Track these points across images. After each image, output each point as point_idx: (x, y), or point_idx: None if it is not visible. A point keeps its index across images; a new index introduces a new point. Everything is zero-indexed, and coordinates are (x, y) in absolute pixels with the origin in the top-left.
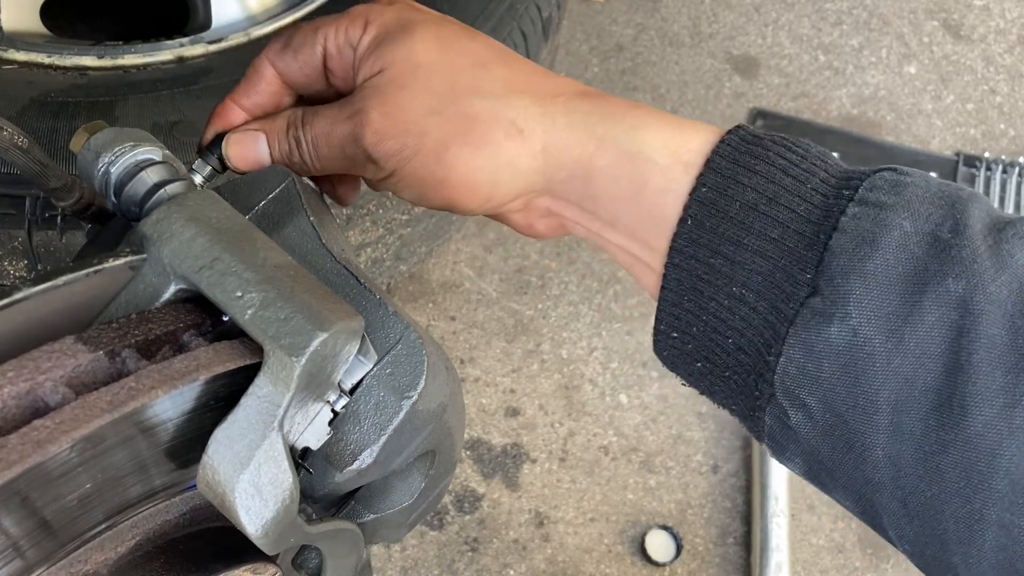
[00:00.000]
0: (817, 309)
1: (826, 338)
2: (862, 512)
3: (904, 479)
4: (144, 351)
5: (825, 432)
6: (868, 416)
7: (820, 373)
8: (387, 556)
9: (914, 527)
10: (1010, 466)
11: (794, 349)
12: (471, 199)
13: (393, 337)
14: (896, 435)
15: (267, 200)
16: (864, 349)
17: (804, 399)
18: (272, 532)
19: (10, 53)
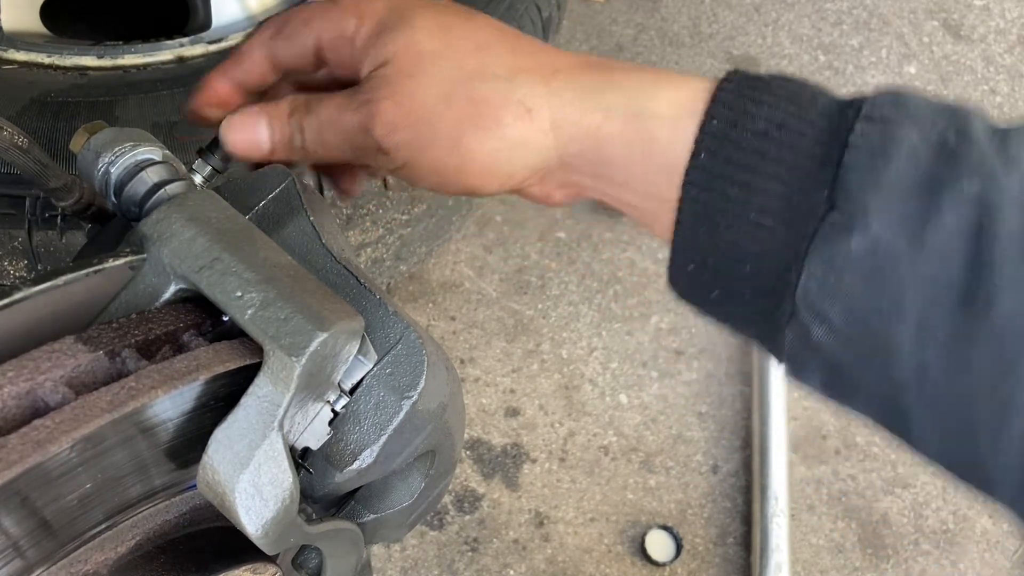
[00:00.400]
0: (837, 224)
1: (847, 250)
2: (886, 418)
3: (933, 376)
4: (144, 351)
5: (848, 342)
6: (894, 320)
7: (841, 285)
8: (387, 556)
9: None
10: None
11: (815, 265)
12: (490, 182)
13: (393, 337)
14: (923, 334)
15: (267, 200)
16: (887, 256)
17: (826, 312)
18: (272, 532)
19: (10, 53)
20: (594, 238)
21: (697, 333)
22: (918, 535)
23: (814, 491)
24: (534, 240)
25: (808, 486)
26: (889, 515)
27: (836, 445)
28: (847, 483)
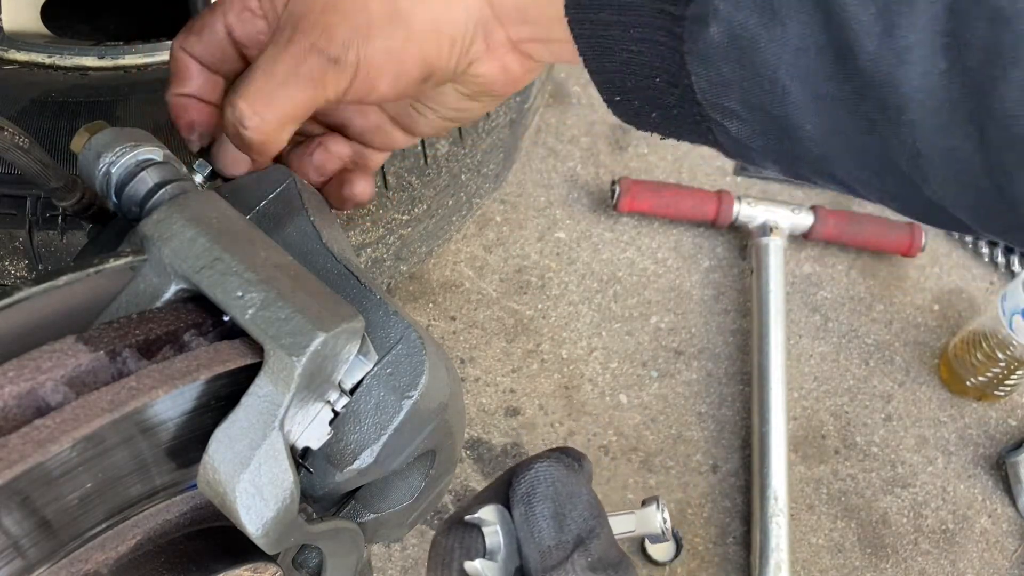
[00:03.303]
0: (695, 17)
1: (710, 41)
2: (844, 189)
3: (847, 141)
4: (145, 351)
5: (761, 129)
6: (781, 98)
7: (723, 76)
8: (387, 555)
9: (885, 183)
10: (914, 92)
11: (695, 64)
12: (442, 47)
13: (393, 337)
14: (816, 104)
15: (268, 200)
16: (744, 37)
17: (728, 106)
18: (272, 532)
19: (10, 53)
20: (594, 238)
21: (697, 333)
22: (917, 535)
23: (813, 491)
24: (534, 240)
25: (808, 486)
26: (888, 515)
27: (836, 445)
28: (846, 483)
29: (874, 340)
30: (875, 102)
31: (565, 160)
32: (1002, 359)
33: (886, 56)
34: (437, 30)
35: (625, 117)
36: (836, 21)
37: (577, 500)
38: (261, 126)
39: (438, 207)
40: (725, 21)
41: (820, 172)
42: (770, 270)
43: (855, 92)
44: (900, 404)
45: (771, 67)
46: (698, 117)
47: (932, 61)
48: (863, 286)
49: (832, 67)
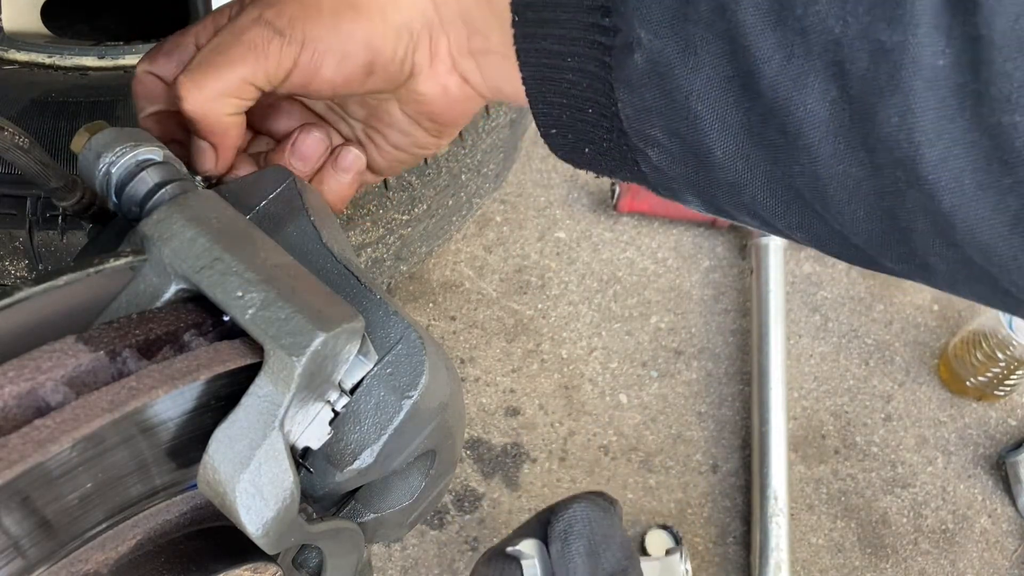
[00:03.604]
0: (620, 45)
1: (634, 68)
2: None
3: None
4: (145, 351)
5: (679, 157)
6: (694, 125)
7: (646, 103)
8: (387, 555)
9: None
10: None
11: (621, 91)
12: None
13: (393, 337)
14: (725, 130)
15: (268, 200)
16: (662, 63)
17: (650, 133)
18: (273, 531)
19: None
20: (594, 238)
21: (697, 333)
22: (917, 535)
23: (813, 491)
24: (534, 240)
25: (807, 485)
26: (888, 515)
27: (835, 445)
28: (846, 483)
29: (874, 340)
30: (776, 127)
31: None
32: (1002, 359)
33: (784, 82)
34: (383, 17)
35: (561, 152)
36: (740, 50)
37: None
38: (198, 97)
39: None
40: (647, 49)
41: (734, 203)
42: (770, 270)
43: (759, 118)
44: (900, 404)
45: (684, 93)
46: (625, 148)
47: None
48: (863, 286)
49: (738, 94)
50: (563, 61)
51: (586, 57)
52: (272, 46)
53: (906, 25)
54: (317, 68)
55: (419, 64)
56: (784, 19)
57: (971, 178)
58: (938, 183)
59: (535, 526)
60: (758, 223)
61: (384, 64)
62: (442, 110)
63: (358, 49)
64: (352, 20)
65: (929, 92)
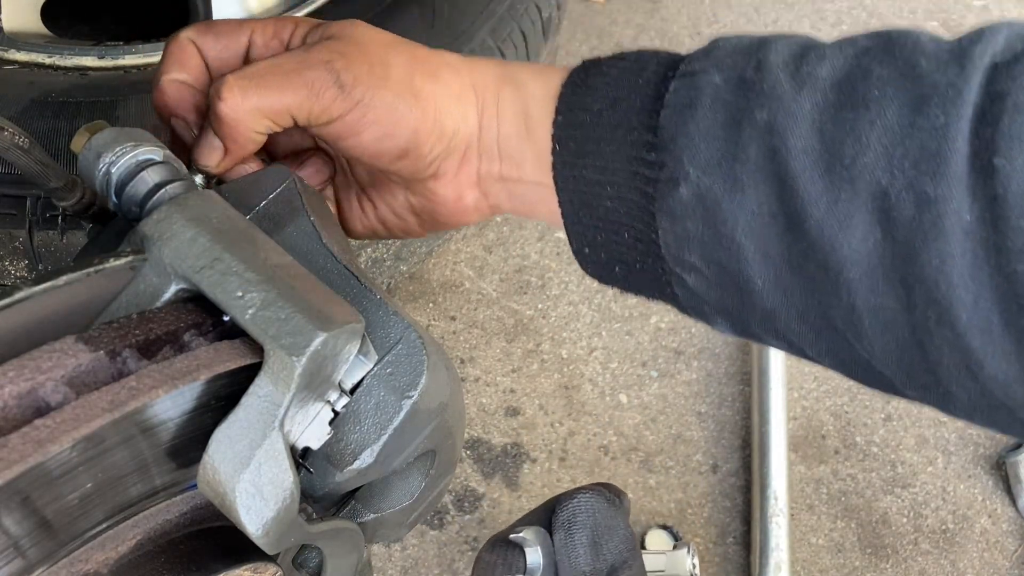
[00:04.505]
0: (666, 179)
1: (679, 200)
2: (786, 345)
3: (791, 298)
4: (145, 351)
5: (717, 284)
6: (736, 256)
7: (688, 232)
8: (387, 555)
9: (822, 339)
10: (852, 255)
11: (663, 220)
12: (431, 133)
13: (393, 337)
14: (766, 262)
15: (268, 200)
16: (709, 198)
17: (689, 260)
18: (273, 532)
19: (11, 53)
20: None
21: (697, 333)
22: (917, 535)
23: (813, 491)
24: (534, 240)
25: (808, 486)
26: (888, 515)
27: (836, 445)
28: (846, 483)
29: None
30: (818, 263)
31: None
32: None
33: (830, 222)
34: (436, 116)
35: (591, 268)
36: (789, 191)
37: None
38: (239, 104)
39: None
40: (694, 184)
41: (767, 328)
42: None
43: (801, 253)
44: (900, 404)
45: (730, 226)
46: (660, 271)
47: (869, 230)
48: None
49: (782, 230)
50: (602, 189)
51: (627, 187)
52: (328, 94)
53: (948, 180)
54: (359, 131)
55: (445, 169)
56: (833, 167)
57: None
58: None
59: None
60: (785, 346)
61: (417, 157)
62: (447, 214)
63: (403, 133)
64: (409, 106)
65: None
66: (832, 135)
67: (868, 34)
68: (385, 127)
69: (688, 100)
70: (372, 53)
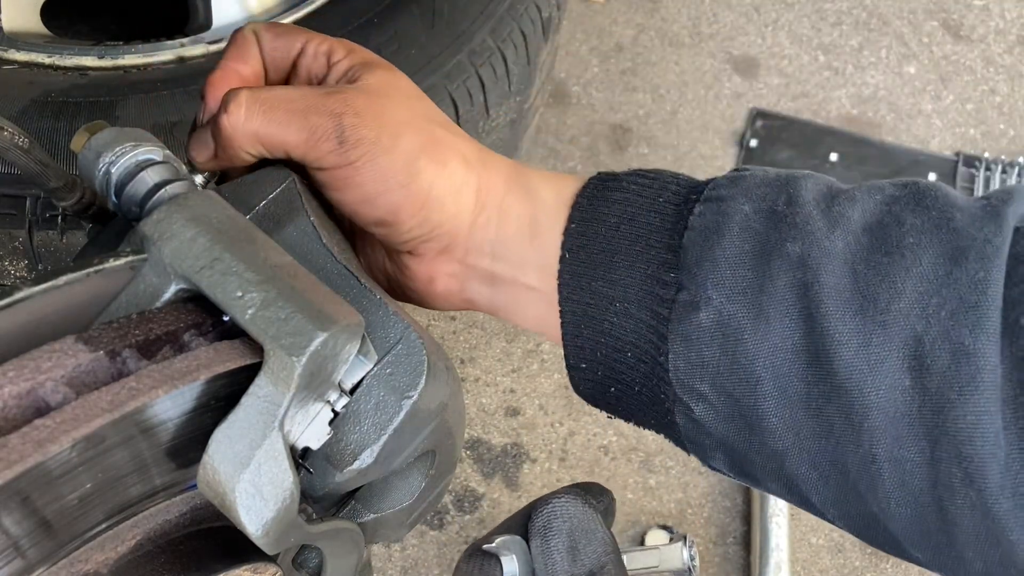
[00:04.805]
0: (684, 302)
1: (697, 325)
2: (787, 491)
3: (804, 440)
4: (144, 351)
5: (726, 416)
6: (753, 388)
7: (702, 359)
8: (387, 555)
9: (830, 488)
10: (879, 401)
11: (676, 343)
12: (415, 215)
13: (393, 337)
14: (783, 400)
15: (268, 200)
16: (731, 326)
17: (698, 388)
18: (272, 532)
19: (10, 53)
20: None
21: None
22: None
23: None
24: None
25: None
26: None
27: None
28: None
29: None
30: (840, 407)
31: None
32: None
33: (860, 366)
34: (425, 202)
35: (583, 386)
36: (818, 328)
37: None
38: (238, 123)
39: None
40: (716, 310)
41: (771, 470)
42: None
43: (823, 394)
44: None
45: (750, 357)
46: (662, 396)
47: (899, 377)
48: None
49: (804, 369)
50: (610, 304)
51: (638, 304)
52: (326, 144)
53: (987, 334)
54: (343, 188)
55: (423, 251)
56: (865, 309)
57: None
58: (1002, 485)
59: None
60: (786, 492)
61: (394, 231)
62: (415, 291)
63: (384, 205)
64: (400, 184)
65: (998, 399)
66: (866, 277)
67: (893, 182)
68: (368, 193)
69: (715, 225)
70: (388, 121)
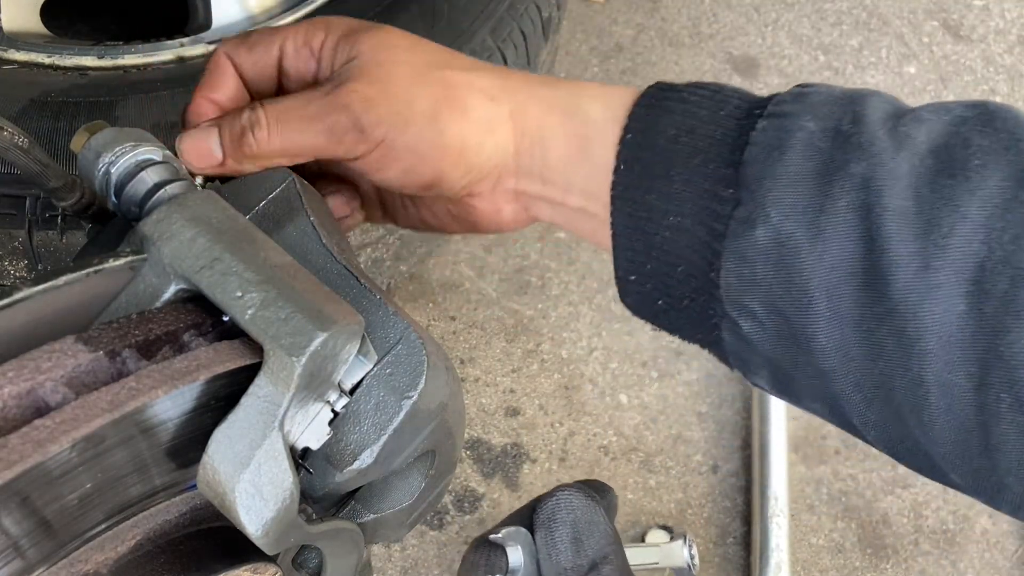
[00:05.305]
0: (742, 218)
1: (753, 242)
2: (828, 411)
3: (852, 362)
4: (144, 351)
5: (775, 334)
6: (805, 307)
7: (756, 276)
8: (387, 556)
9: (873, 410)
10: (934, 325)
11: (730, 260)
12: (458, 166)
13: (393, 337)
14: (835, 320)
15: (267, 200)
16: (788, 245)
17: (749, 305)
18: (272, 532)
19: (10, 53)
20: None
21: None
22: (918, 535)
23: (814, 491)
24: (534, 240)
25: (808, 486)
26: (889, 515)
27: (836, 445)
28: (847, 483)
29: None
30: (892, 329)
31: None
32: None
33: (917, 288)
34: (461, 152)
35: (631, 298)
36: (877, 251)
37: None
38: (264, 141)
39: None
40: (774, 228)
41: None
42: None
43: (876, 316)
44: None
45: (805, 276)
46: (710, 312)
47: (956, 301)
48: None
49: (859, 290)
50: (663, 218)
51: (693, 219)
52: (348, 137)
53: None
54: (383, 168)
55: (480, 190)
56: (928, 232)
57: None
58: None
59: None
60: (827, 412)
61: (445, 187)
62: (485, 222)
63: (426, 170)
64: (431, 146)
65: None
66: (930, 200)
67: (964, 103)
68: (407, 165)
69: (777, 141)
70: (396, 90)
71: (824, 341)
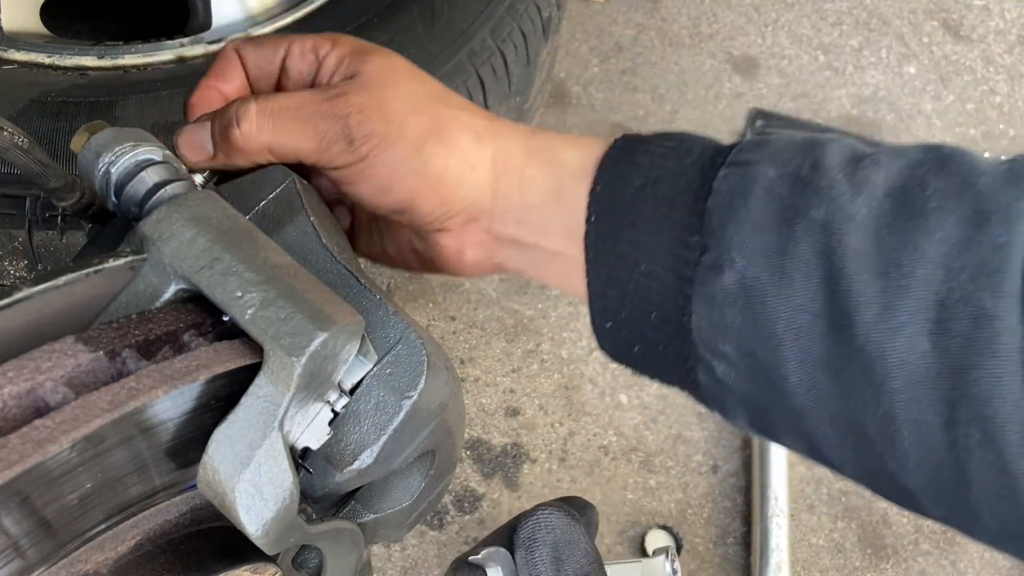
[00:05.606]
0: (708, 264)
1: (721, 287)
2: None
3: (824, 401)
4: (144, 351)
5: (748, 376)
6: (775, 349)
7: (725, 320)
8: (387, 556)
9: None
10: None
11: (700, 304)
12: (432, 198)
13: (393, 337)
14: (805, 360)
15: (267, 200)
16: (754, 289)
17: (721, 348)
18: (272, 532)
19: (10, 53)
20: None
21: None
22: (918, 535)
23: (814, 491)
24: None
25: (808, 486)
26: (889, 515)
27: None
28: (847, 483)
29: None
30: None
31: None
32: None
33: (880, 328)
34: (440, 184)
35: (607, 344)
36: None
37: (575, 547)
38: (251, 135)
39: None
40: (739, 272)
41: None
42: None
43: (843, 356)
44: None
45: (772, 319)
46: (685, 355)
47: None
48: None
49: (825, 331)
50: (635, 265)
51: (663, 266)
52: (336, 147)
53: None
54: (359, 181)
55: (449, 226)
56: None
57: None
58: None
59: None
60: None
61: (416, 214)
62: (445, 263)
63: (400, 193)
64: (411, 170)
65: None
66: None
67: (919, 146)
68: (384, 183)
69: (740, 189)
70: (392, 111)
71: (795, 381)
